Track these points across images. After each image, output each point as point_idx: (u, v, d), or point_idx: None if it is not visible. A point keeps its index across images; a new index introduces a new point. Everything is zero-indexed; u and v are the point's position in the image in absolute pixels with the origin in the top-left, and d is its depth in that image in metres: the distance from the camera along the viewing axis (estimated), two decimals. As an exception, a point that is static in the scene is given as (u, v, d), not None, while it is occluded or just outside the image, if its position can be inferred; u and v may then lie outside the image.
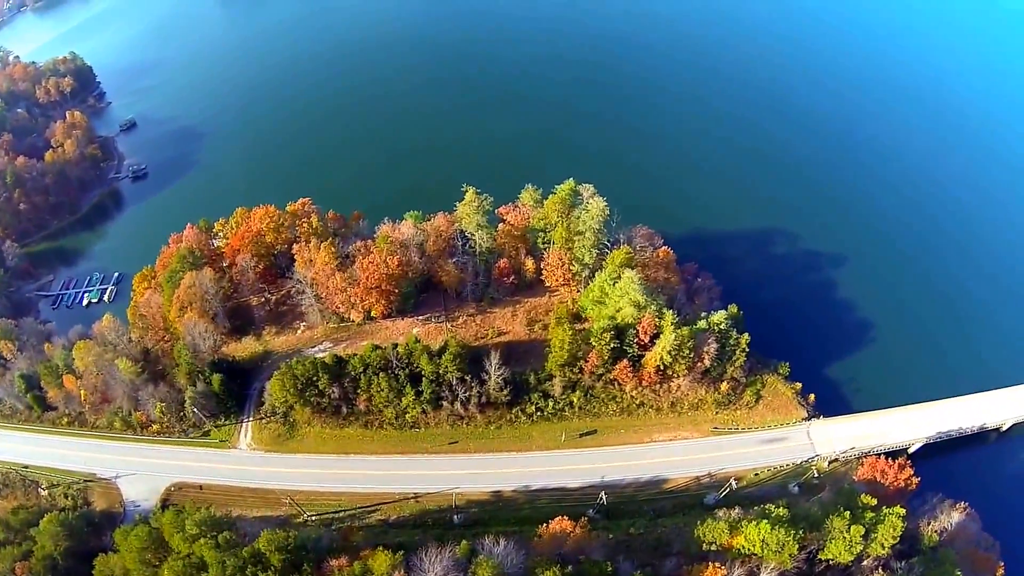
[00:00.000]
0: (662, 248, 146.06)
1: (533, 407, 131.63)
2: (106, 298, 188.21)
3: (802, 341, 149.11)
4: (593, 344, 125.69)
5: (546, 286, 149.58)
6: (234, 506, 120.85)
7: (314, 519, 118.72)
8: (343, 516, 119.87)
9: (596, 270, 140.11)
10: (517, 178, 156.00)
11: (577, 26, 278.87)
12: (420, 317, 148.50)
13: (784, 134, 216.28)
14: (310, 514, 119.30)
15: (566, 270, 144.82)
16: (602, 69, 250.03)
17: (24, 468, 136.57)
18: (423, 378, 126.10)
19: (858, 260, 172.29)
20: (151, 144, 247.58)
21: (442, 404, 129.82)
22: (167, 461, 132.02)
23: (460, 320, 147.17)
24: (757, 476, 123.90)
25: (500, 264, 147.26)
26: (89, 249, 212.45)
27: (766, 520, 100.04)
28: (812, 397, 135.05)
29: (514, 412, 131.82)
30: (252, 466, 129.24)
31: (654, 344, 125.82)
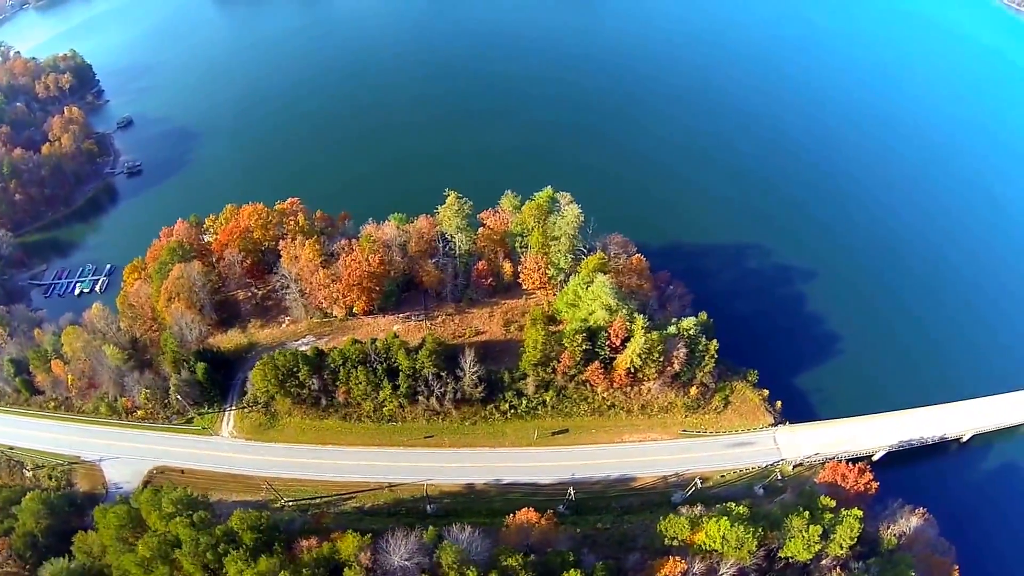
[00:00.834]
0: (636, 256, 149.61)
1: (507, 405, 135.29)
2: (97, 289, 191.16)
3: (772, 350, 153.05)
4: (566, 345, 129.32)
5: (523, 289, 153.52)
6: (215, 490, 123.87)
7: (291, 504, 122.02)
8: (319, 503, 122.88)
9: (572, 274, 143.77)
10: (500, 186, 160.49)
11: (561, 45, 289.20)
12: (401, 315, 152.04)
13: (759, 151, 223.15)
14: (287, 500, 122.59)
15: (543, 274, 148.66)
16: (584, 86, 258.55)
17: (10, 449, 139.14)
18: (400, 372, 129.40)
19: (828, 273, 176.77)
20: (147, 142, 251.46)
21: (418, 399, 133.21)
22: (151, 446, 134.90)
23: (439, 319, 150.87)
24: (723, 478, 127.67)
25: (479, 266, 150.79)
26: (82, 241, 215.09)
27: (726, 517, 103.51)
28: (779, 404, 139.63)
29: (489, 409, 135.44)
30: (233, 453, 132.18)
31: (625, 347, 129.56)
